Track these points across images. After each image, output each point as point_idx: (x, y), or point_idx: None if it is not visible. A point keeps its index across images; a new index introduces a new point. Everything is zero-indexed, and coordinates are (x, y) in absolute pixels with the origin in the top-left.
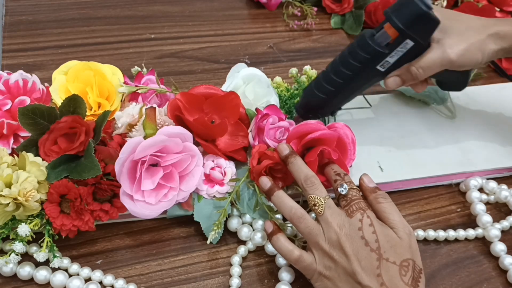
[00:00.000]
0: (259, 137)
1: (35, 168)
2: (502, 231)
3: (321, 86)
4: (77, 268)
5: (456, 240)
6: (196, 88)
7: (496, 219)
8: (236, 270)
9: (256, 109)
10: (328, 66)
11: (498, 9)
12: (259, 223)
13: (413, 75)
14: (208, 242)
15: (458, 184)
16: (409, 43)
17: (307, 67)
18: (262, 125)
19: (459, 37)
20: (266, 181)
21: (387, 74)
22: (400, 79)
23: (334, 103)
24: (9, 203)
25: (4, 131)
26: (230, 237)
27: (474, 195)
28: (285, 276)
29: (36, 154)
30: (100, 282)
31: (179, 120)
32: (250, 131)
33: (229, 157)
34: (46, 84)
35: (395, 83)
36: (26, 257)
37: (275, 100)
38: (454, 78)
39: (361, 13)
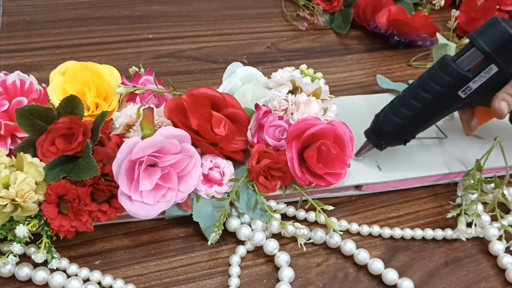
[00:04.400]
0: (258, 135)
1: (32, 169)
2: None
3: (397, 110)
4: (76, 269)
5: (455, 239)
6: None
7: (494, 218)
8: (235, 270)
9: (256, 105)
10: (405, 90)
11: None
12: (258, 223)
13: (509, 102)
14: (209, 243)
15: (456, 183)
16: (493, 69)
17: (303, 66)
18: (262, 122)
19: None
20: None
21: (467, 100)
22: (507, 104)
23: (410, 129)
24: (7, 204)
25: (2, 132)
26: (229, 237)
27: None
28: (285, 276)
29: (34, 155)
30: (99, 283)
31: (176, 122)
32: (250, 129)
33: (227, 157)
34: (43, 85)
35: (506, 107)
36: (24, 258)
37: None
38: None
39: (349, 11)
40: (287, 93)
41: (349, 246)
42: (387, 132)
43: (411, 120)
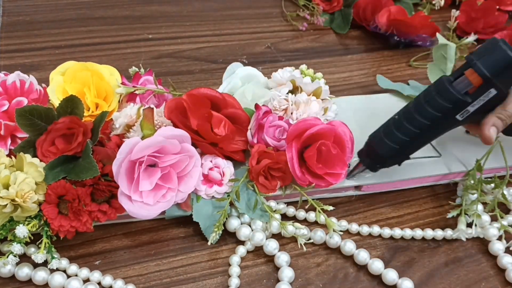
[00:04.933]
0: (258, 135)
1: (32, 169)
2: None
3: (393, 135)
4: (76, 269)
5: (455, 239)
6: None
7: (494, 218)
8: (235, 270)
9: (256, 105)
10: (400, 113)
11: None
12: (258, 223)
13: (503, 122)
14: (209, 243)
15: (456, 184)
16: (492, 92)
17: (303, 66)
18: (262, 122)
19: None
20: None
21: (464, 122)
22: (496, 128)
23: (406, 152)
24: (7, 204)
25: (2, 132)
26: (229, 237)
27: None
28: (285, 276)
29: (34, 155)
30: (99, 283)
31: (176, 122)
32: (250, 129)
33: (227, 157)
34: (43, 85)
35: (495, 133)
36: (24, 258)
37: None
38: None
39: (349, 11)
40: (287, 93)
41: (349, 246)
42: (383, 156)
43: (407, 144)
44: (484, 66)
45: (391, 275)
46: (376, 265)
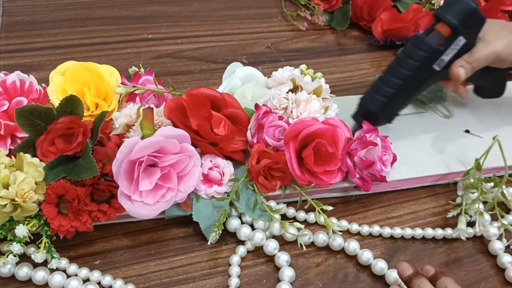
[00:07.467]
0: (258, 135)
1: (32, 169)
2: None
3: (380, 89)
4: (76, 268)
5: (454, 239)
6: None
7: (494, 218)
8: (235, 270)
9: (256, 105)
10: (385, 71)
11: None
12: (261, 223)
13: (470, 65)
14: (209, 243)
15: (456, 183)
16: (461, 40)
17: (302, 66)
18: (262, 122)
19: (497, 35)
20: (407, 268)
21: (442, 73)
22: (464, 69)
23: (394, 106)
24: (7, 204)
25: (1, 132)
26: (229, 237)
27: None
28: (286, 276)
29: (34, 155)
30: (99, 283)
31: (176, 122)
32: (250, 129)
33: (226, 157)
34: (43, 85)
35: (463, 71)
36: (24, 258)
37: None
38: (492, 83)
39: (348, 8)
40: (287, 92)
41: (353, 246)
42: (374, 112)
43: (395, 97)
44: (451, 16)
45: (394, 275)
46: (380, 266)
